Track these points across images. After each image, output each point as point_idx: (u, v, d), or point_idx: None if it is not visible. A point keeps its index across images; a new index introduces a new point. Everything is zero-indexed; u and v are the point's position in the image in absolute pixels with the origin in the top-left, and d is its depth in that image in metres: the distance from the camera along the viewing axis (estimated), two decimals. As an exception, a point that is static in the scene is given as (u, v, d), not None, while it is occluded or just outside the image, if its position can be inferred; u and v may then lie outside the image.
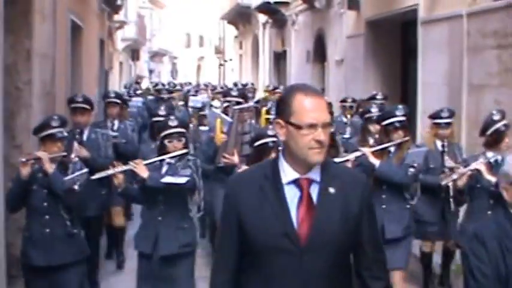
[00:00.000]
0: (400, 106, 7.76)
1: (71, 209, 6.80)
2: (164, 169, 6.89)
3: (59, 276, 6.69)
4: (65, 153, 6.87)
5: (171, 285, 6.81)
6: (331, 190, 3.50)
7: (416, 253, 9.16)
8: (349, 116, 12.15)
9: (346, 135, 11.35)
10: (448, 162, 7.89)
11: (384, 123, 7.44)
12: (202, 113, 12.02)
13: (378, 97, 11.09)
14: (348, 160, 7.32)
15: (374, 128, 8.17)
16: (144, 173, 6.69)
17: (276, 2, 24.70)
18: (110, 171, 6.89)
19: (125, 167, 6.89)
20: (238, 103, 10.32)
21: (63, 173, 6.75)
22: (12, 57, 8.60)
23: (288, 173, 3.51)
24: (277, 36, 27.07)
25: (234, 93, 11.55)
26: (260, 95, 20.82)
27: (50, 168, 6.58)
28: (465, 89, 10.10)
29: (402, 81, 14.08)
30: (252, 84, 22.87)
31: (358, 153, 7.41)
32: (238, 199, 3.58)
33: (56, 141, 6.78)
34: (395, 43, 14.53)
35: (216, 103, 14.57)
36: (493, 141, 7.23)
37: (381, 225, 7.02)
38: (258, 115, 12.17)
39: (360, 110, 11.35)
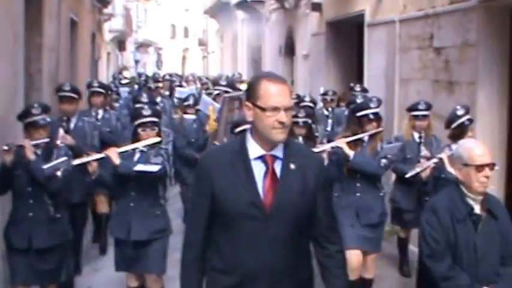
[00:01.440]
0: (374, 98, 7.88)
1: (54, 195, 6.84)
2: (136, 156, 6.96)
3: (41, 259, 6.79)
4: (47, 140, 6.87)
5: (144, 268, 6.96)
6: (292, 166, 3.85)
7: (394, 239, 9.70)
8: (330, 109, 12.51)
9: (328, 128, 11.90)
10: (424, 153, 8.12)
11: (358, 114, 7.51)
12: (186, 103, 11.91)
13: (356, 89, 11.49)
14: (324, 150, 7.41)
15: None
16: (116, 160, 6.76)
17: (252, 1, 25.71)
18: (85, 159, 7.10)
19: (98, 155, 7.06)
20: (226, 92, 10.79)
21: (46, 159, 6.76)
22: (26, 50, 9.92)
23: (255, 150, 3.84)
24: (254, 31, 27.94)
25: (223, 82, 12.19)
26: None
27: (31, 155, 6.63)
28: (397, 82, 11.59)
29: (357, 75, 14.77)
30: (240, 74, 23.53)
31: (333, 144, 7.51)
32: (211, 172, 3.87)
33: (39, 128, 6.79)
34: (351, 42, 15.52)
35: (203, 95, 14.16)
36: (457, 134, 7.59)
37: (356, 212, 7.40)
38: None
39: (342, 101, 12.14)
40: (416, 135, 8.64)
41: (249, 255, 3.80)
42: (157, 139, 6.96)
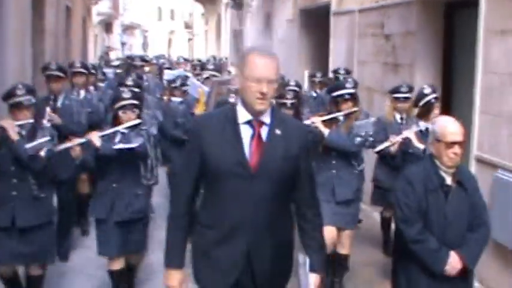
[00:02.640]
0: (350, 79, 7.97)
1: (38, 174, 6.83)
2: (117, 138, 6.99)
3: (26, 240, 6.76)
4: (31, 120, 6.84)
5: (126, 247, 7.00)
6: (278, 132, 4.11)
7: (377, 218, 10.00)
8: (318, 91, 12.38)
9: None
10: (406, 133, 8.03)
11: (334, 94, 7.63)
12: (173, 85, 12.09)
13: (341, 72, 11.35)
14: None
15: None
16: (97, 142, 6.78)
17: None
18: (68, 144, 7.17)
19: (80, 140, 7.11)
20: (214, 76, 11.01)
21: (30, 140, 6.73)
22: (32, 34, 11.43)
23: (243, 115, 4.10)
24: (236, 16, 28.90)
25: (210, 66, 12.29)
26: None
27: (15, 136, 6.59)
28: (355, 64, 12.84)
29: (325, 60, 15.46)
30: (226, 58, 23.96)
31: (309, 122, 7.60)
32: (202, 133, 4.13)
33: (23, 109, 6.76)
34: (321, 28, 16.05)
35: (190, 75, 14.43)
36: (424, 111, 7.85)
37: (332, 189, 7.54)
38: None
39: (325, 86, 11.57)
40: (398, 116, 8.91)
41: (233, 211, 4.07)
42: (138, 121, 7.06)
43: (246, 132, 4.11)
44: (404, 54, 10.75)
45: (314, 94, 12.48)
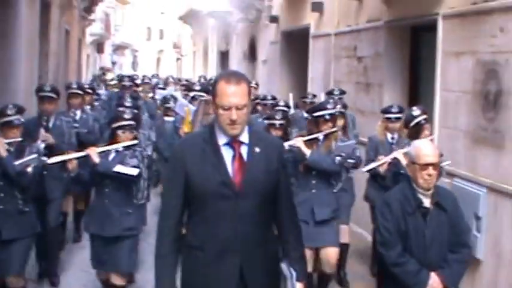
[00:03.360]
0: (331, 100, 8.27)
1: (24, 189, 7.14)
2: (112, 156, 7.18)
3: (7, 249, 7.03)
4: (20, 139, 7.19)
5: (115, 262, 7.15)
6: (257, 150, 4.21)
7: (368, 235, 10.19)
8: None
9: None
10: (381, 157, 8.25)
11: (315, 114, 7.77)
12: (167, 105, 12.33)
13: (335, 92, 11.32)
14: None
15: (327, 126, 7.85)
16: (96, 158, 6.99)
17: (221, 11, 27.40)
18: (65, 157, 7.29)
19: (79, 154, 7.26)
20: (200, 96, 10.76)
21: (19, 157, 7.04)
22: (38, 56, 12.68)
23: (222, 137, 4.18)
24: (223, 38, 29.71)
25: (197, 87, 12.16)
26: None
27: (3, 152, 6.91)
28: (331, 83, 13.63)
29: (305, 79, 16.22)
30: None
31: (291, 142, 7.77)
32: (184, 157, 4.21)
33: (13, 127, 7.13)
34: (301, 50, 16.56)
35: (178, 94, 14.47)
36: (414, 133, 7.82)
37: (311, 208, 7.62)
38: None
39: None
40: (389, 136, 8.99)
41: (222, 231, 4.14)
42: (135, 141, 7.28)
43: (227, 153, 4.20)
44: (374, 75, 11.78)
45: (306, 115, 11.95)
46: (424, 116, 7.96)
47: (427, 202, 5.32)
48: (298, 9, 16.86)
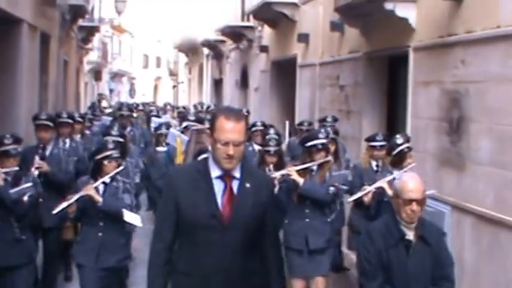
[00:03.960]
0: (322, 130, 8.26)
1: (20, 217, 7.09)
2: (101, 189, 7.18)
3: (5, 277, 7.03)
4: (17, 168, 7.18)
5: None
6: (247, 185, 4.31)
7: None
8: None
9: None
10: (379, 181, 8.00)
11: (308, 144, 7.82)
12: (159, 132, 12.37)
13: (328, 119, 11.42)
14: (274, 177, 7.62)
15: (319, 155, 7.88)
16: (98, 197, 6.98)
17: (215, 40, 28.10)
18: (67, 203, 7.04)
19: (78, 195, 7.01)
20: (193, 127, 10.64)
21: (15, 186, 7.03)
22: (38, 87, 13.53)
23: (215, 170, 4.29)
24: (216, 66, 30.30)
25: (192, 117, 12.40)
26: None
27: (0, 181, 6.89)
28: (317, 110, 14.46)
29: (294, 106, 16.91)
30: (215, 105, 24.11)
31: (284, 172, 7.82)
32: (176, 187, 4.33)
33: (9, 157, 7.15)
34: (290, 78, 17.21)
35: (174, 122, 14.85)
36: (398, 160, 7.92)
37: (305, 237, 7.68)
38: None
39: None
40: (373, 163, 9.05)
41: (208, 260, 4.25)
42: (121, 168, 7.34)
43: (218, 186, 4.30)
44: (354, 103, 12.49)
45: None
46: (407, 144, 8.02)
47: (410, 235, 5.21)
48: (286, 40, 17.62)
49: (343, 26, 12.81)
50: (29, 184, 7.16)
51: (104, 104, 31.18)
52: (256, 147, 10.86)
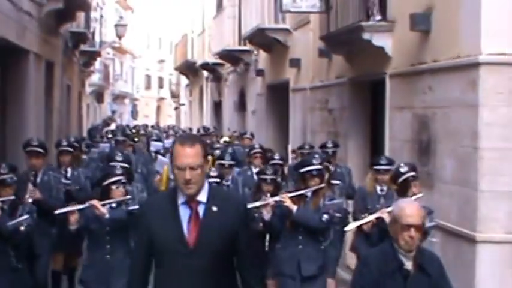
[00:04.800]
0: (317, 155, 8.14)
1: (16, 247, 7.08)
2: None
3: None
4: (13, 197, 7.15)
5: None
6: (214, 209, 4.36)
7: None
8: None
9: None
10: (380, 205, 8.13)
11: (302, 170, 7.69)
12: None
13: (329, 145, 11.25)
14: (268, 204, 7.83)
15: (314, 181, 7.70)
16: (103, 209, 7.11)
17: (213, 63, 28.42)
18: (71, 208, 7.18)
19: (83, 205, 7.19)
20: None
21: (12, 215, 7.06)
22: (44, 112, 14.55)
23: (181, 196, 4.37)
24: (216, 88, 30.80)
25: None
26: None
27: None
28: (308, 132, 15.25)
29: (287, 129, 17.69)
30: (215, 128, 24.43)
31: (277, 198, 7.78)
32: (147, 216, 4.48)
33: (5, 186, 7.12)
34: (285, 102, 17.94)
35: None
36: (402, 189, 7.64)
37: (297, 264, 7.59)
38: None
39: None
40: (378, 187, 8.90)
41: (178, 286, 4.34)
42: (128, 197, 7.43)
43: (184, 212, 4.37)
44: (341, 125, 13.28)
45: None
46: (412, 173, 7.79)
47: (408, 264, 4.97)
48: (280, 64, 18.41)
49: (330, 52, 13.58)
50: (26, 216, 7.16)
51: (113, 127, 30.57)
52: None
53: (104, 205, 7.21)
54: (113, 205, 7.26)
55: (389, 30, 10.60)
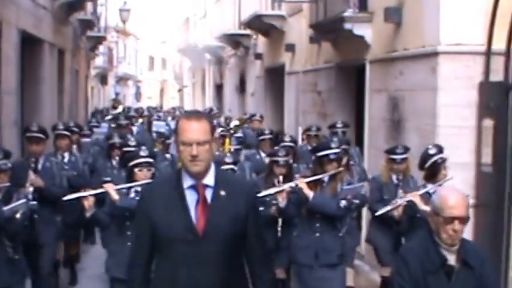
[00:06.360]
0: (335, 139, 7.90)
1: (13, 236, 6.72)
2: (132, 195, 6.92)
3: None
4: (8, 184, 6.80)
5: None
6: (222, 193, 4.15)
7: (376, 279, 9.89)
8: (314, 145, 10.84)
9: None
10: (400, 195, 7.71)
11: (319, 154, 7.32)
12: (168, 141, 11.94)
13: (338, 125, 11.16)
14: (283, 190, 7.41)
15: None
16: (115, 195, 6.78)
17: (215, 46, 29.22)
18: (82, 194, 6.79)
19: (96, 191, 6.86)
20: None
21: (7, 203, 6.64)
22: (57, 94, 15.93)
23: (187, 180, 4.14)
24: (217, 71, 31.74)
25: None
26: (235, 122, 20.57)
27: None
28: (300, 113, 16.36)
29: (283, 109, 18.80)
30: (218, 109, 24.99)
31: (292, 184, 7.40)
32: (149, 202, 4.22)
33: (0, 172, 6.76)
34: (281, 85, 18.82)
35: None
36: (431, 173, 7.41)
37: (315, 252, 7.26)
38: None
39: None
40: (394, 176, 8.69)
41: (183, 275, 4.09)
42: (145, 181, 6.85)
43: (191, 197, 4.14)
44: (329, 106, 14.39)
45: (310, 148, 11.28)
46: (441, 155, 7.56)
47: (452, 259, 4.59)
48: (277, 49, 19.44)
49: (319, 39, 14.70)
50: (22, 201, 6.81)
51: (119, 110, 31.15)
52: (264, 156, 10.46)
53: (121, 189, 6.98)
54: (138, 189, 6.83)
55: (368, 21, 11.69)
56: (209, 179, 4.17)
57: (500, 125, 8.65)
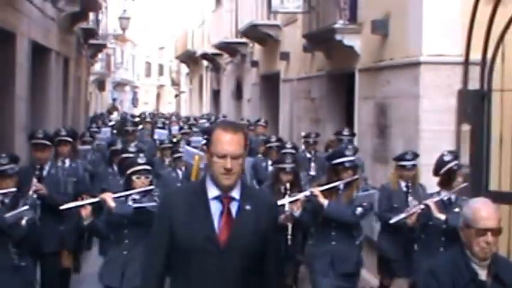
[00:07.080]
0: (350, 146, 8.04)
1: (18, 243, 6.62)
2: (130, 203, 6.78)
3: None
4: (14, 189, 6.69)
5: None
6: (247, 207, 4.06)
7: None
8: (313, 152, 12.02)
9: (312, 172, 11.29)
10: (412, 203, 7.58)
11: (334, 162, 7.34)
12: (163, 146, 12.31)
13: (345, 133, 11.22)
14: (298, 199, 7.32)
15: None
16: (111, 203, 6.56)
17: (212, 54, 29.64)
18: (79, 203, 6.61)
19: (93, 199, 6.68)
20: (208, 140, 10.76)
21: (13, 208, 6.56)
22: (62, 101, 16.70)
23: (212, 190, 4.05)
24: (215, 78, 32.04)
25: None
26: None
27: None
28: (294, 119, 16.97)
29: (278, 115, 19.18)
30: (224, 117, 24.39)
31: (307, 193, 7.33)
32: (170, 209, 4.11)
33: (6, 177, 6.68)
34: (276, 92, 19.36)
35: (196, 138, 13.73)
36: (446, 180, 7.20)
37: (330, 261, 7.24)
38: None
39: (330, 148, 11.36)
40: (403, 184, 8.55)
41: (203, 287, 4.01)
42: (151, 187, 6.86)
43: (215, 208, 4.04)
44: (321, 112, 15.05)
45: (308, 155, 12.01)
46: (456, 162, 7.41)
47: (483, 274, 4.42)
48: (272, 57, 20.01)
49: (312, 48, 15.37)
50: (26, 207, 6.72)
51: (115, 115, 31.51)
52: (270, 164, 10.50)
53: (119, 197, 6.82)
54: (136, 196, 6.79)
55: (357, 32, 12.39)
56: (235, 192, 4.09)
57: (476, 129, 9.33)
